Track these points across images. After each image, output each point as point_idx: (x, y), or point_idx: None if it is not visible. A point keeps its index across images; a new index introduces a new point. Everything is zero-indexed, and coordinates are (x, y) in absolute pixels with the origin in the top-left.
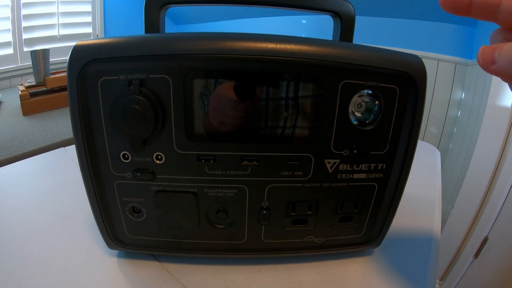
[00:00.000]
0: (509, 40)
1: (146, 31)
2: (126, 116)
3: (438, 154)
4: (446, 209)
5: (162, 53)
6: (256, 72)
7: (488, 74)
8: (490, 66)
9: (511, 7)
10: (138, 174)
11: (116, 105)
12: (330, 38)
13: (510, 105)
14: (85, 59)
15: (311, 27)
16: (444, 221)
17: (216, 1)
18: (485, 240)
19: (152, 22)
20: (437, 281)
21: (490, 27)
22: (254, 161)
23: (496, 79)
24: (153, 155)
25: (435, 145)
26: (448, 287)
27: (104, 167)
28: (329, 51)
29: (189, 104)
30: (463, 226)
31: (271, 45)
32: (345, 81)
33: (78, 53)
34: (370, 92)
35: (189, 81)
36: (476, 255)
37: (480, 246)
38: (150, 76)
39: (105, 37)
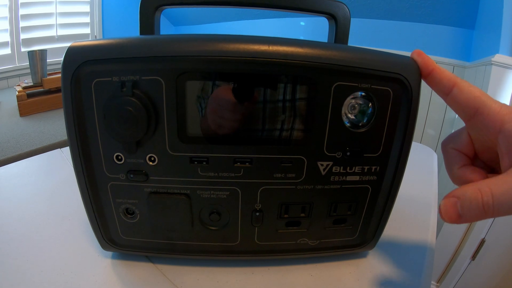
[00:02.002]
0: (456, 150)
1: (141, 33)
2: (119, 117)
3: (435, 156)
4: None
5: (155, 54)
6: (249, 74)
7: (485, 77)
8: (458, 221)
9: (459, 97)
10: (132, 176)
11: (109, 106)
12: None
13: None
14: (79, 60)
15: (309, 29)
16: (441, 223)
17: (209, 3)
18: (482, 242)
19: (147, 23)
20: (435, 283)
21: (488, 30)
22: (247, 163)
23: (493, 83)
24: (146, 156)
25: (433, 147)
26: None
27: (97, 169)
28: (322, 53)
29: (182, 106)
30: (460, 228)
31: (263, 47)
32: (338, 83)
33: (72, 54)
34: (363, 94)
35: (182, 83)
36: (473, 257)
37: (477, 248)
38: (143, 78)
39: (99, 39)
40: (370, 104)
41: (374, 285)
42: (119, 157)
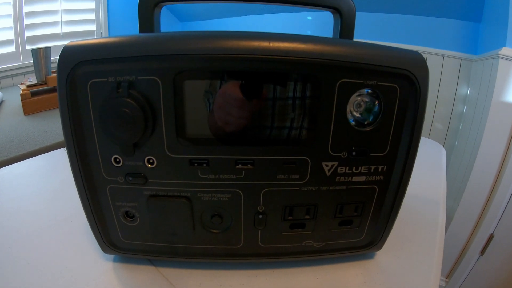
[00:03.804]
0: None
1: (140, 30)
2: (115, 119)
3: (443, 151)
4: (452, 206)
5: (151, 53)
6: (249, 72)
7: (493, 71)
8: None
9: None
10: (130, 179)
11: (105, 108)
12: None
13: None
14: (74, 61)
15: (316, 23)
16: (450, 218)
17: None
18: (491, 237)
19: (146, 20)
20: (444, 278)
21: (495, 23)
22: (249, 165)
23: (500, 76)
24: (144, 159)
25: (440, 141)
26: (455, 284)
27: (96, 171)
28: (325, 49)
29: (180, 106)
30: (469, 223)
31: (264, 44)
32: (342, 80)
33: (67, 54)
34: (369, 91)
35: (179, 83)
36: (482, 252)
37: (486, 243)
38: (139, 77)
39: (94, 38)
40: (376, 102)
41: (381, 287)
42: (117, 160)
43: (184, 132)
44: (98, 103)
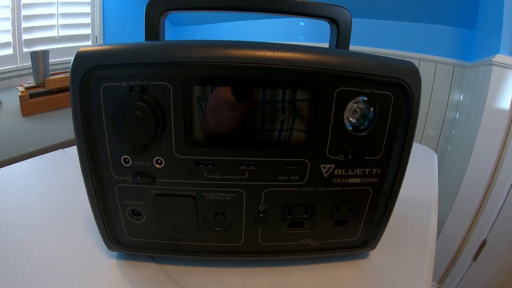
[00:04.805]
0: None
1: (146, 37)
2: (127, 121)
3: (435, 157)
4: (444, 211)
5: (163, 60)
6: (254, 80)
7: (486, 77)
8: None
9: None
10: (139, 178)
11: (117, 111)
12: (327, 40)
13: (508, 108)
14: (88, 65)
15: (308, 29)
16: (442, 224)
17: (214, 8)
18: (484, 243)
19: (153, 27)
20: (436, 284)
21: (488, 30)
22: (251, 166)
23: (494, 83)
24: (153, 159)
25: (433, 147)
26: None
27: (105, 171)
28: (325, 59)
29: (189, 111)
30: (461, 229)
31: (268, 53)
32: (340, 88)
33: (81, 59)
34: (365, 98)
35: (189, 88)
36: (475, 258)
37: (479, 249)
38: (151, 83)
39: (107, 44)
40: (371, 108)
41: (375, 285)
42: (127, 160)
43: (192, 135)
44: (110, 106)
